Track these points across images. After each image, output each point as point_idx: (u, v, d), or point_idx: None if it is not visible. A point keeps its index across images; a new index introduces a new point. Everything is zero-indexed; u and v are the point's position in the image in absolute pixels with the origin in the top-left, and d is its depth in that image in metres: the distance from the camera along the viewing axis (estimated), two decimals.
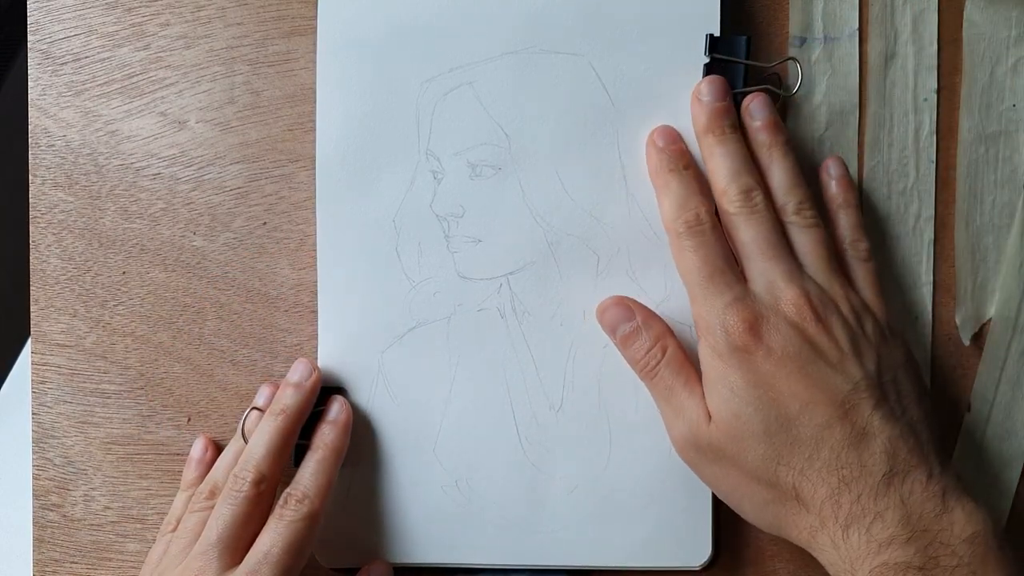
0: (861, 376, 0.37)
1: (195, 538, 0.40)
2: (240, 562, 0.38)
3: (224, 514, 0.39)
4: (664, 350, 0.40)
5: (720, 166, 0.40)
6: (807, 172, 0.44)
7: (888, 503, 0.35)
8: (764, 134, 0.41)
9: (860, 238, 0.41)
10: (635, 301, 0.42)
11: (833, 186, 0.42)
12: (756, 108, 0.41)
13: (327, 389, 0.43)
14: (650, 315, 0.41)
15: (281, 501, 0.40)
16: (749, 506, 0.39)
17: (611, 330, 0.42)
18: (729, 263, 0.39)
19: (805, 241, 0.40)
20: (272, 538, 0.39)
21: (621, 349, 0.41)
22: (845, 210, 0.42)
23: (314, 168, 0.44)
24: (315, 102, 0.44)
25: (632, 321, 0.41)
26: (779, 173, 0.40)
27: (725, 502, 0.40)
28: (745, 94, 0.42)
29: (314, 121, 0.44)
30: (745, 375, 0.37)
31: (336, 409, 0.43)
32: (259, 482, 0.40)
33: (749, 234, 0.39)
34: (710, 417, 0.38)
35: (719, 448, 0.38)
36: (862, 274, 0.41)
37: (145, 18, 0.45)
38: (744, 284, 0.39)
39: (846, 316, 0.38)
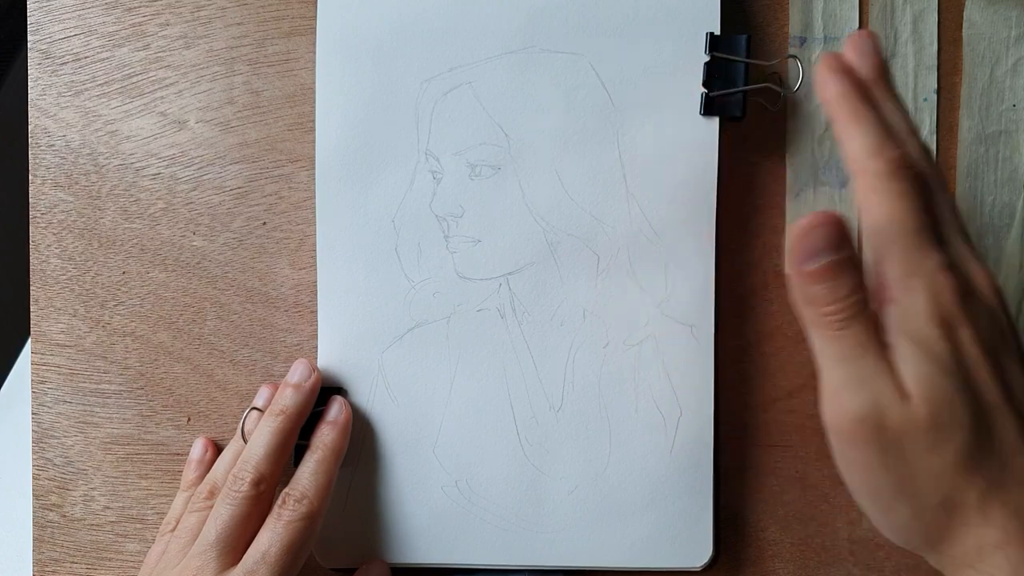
0: None
1: (194, 538, 0.40)
2: (238, 562, 0.38)
3: (222, 514, 0.39)
4: (865, 300, 0.32)
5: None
6: (807, 170, 0.44)
7: None
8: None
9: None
10: (848, 227, 0.32)
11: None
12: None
13: (327, 389, 0.43)
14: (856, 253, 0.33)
15: (279, 501, 0.40)
16: (910, 510, 0.32)
17: (807, 255, 0.32)
18: (933, 221, 0.32)
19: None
20: (270, 538, 0.39)
21: (805, 282, 0.32)
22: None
23: (314, 168, 0.44)
24: (315, 102, 0.44)
25: (843, 251, 0.32)
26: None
27: (869, 503, 0.33)
28: (745, 93, 0.42)
29: (314, 121, 0.44)
30: (953, 352, 0.31)
31: (336, 410, 0.43)
32: (258, 482, 0.40)
33: (944, 205, 0.33)
34: (904, 395, 0.31)
35: (910, 434, 0.31)
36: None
37: (145, 18, 0.45)
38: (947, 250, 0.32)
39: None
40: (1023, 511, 0.31)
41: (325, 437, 0.42)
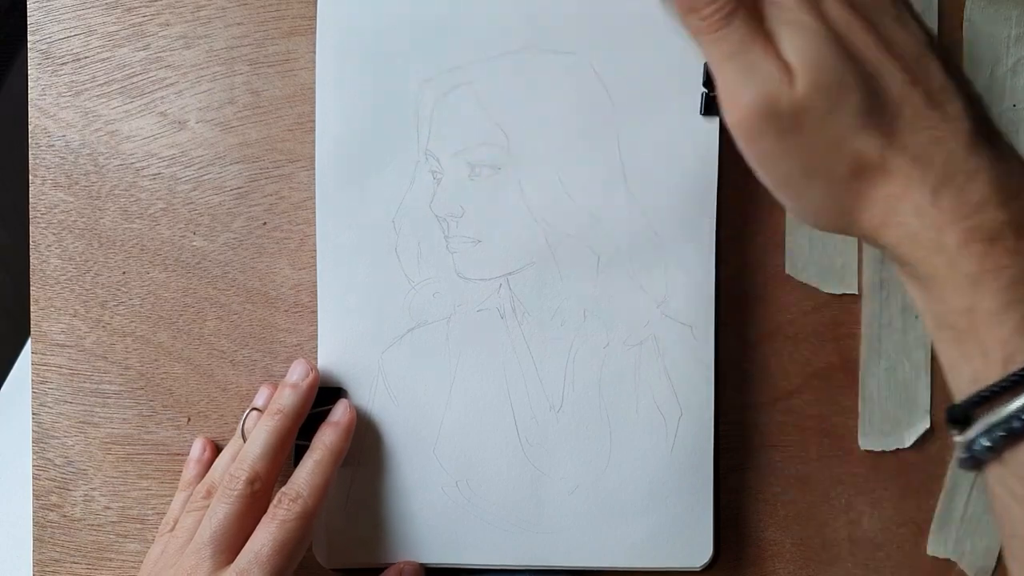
0: (925, 37, 0.33)
1: (191, 537, 0.40)
2: (233, 561, 0.38)
3: (218, 513, 0.39)
4: None
5: None
6: None
7: (979, 163, 0.31)
8: None
9: None
10: None
11: None
12: None
13: (327, 389, 0.43)
14: None
15: (275, 501, 0.40)
16: (820, 186, 0.33)
17: None
18: None
19: None
20: (264, 537, 0.38)
21: None
22: None
23: (314, 168, 0.44)
24: (315, 102, 0.44)
25: None
26: None
27: (783, 192, 0.35)
28: None
29: (314, 121, 0.44)
30: (821, 20, 0.33)
31: (340, 411, 0.43)
32: (253, 481, 0.40)
33: None
34: (791, 74, 0.32)
35: (802, 109, 0.32)
36: None
37: (145, 18, 0.45)
38: None
39: None
40: (919, 155, 0.32)
41: (326, 438, 0.42)
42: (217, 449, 0.45)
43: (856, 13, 0.33)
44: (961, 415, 0.32)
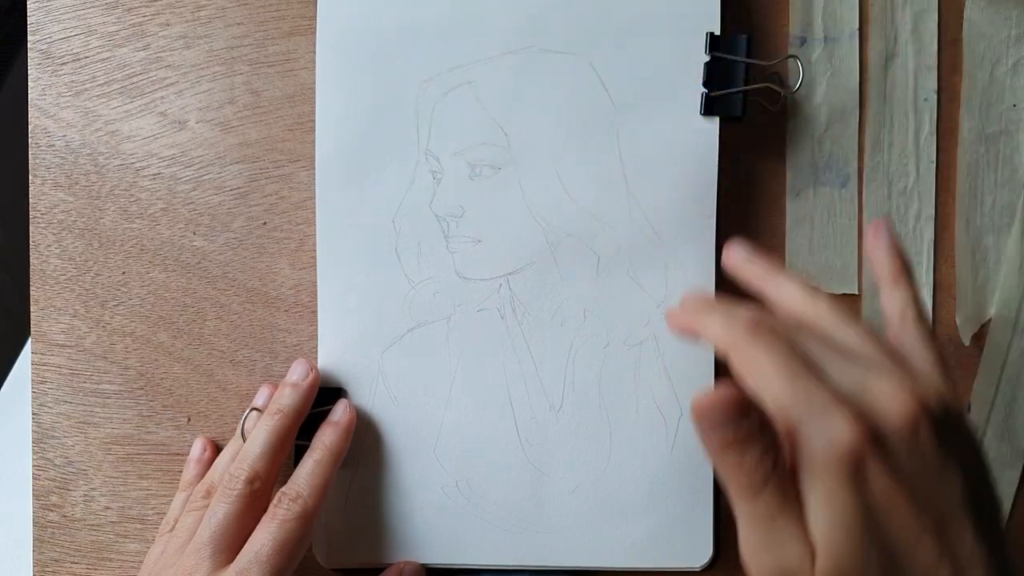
0: (964, 491, 0.30)
1: (191, 537, 0.40)
2: (233, 561, 0.38)
3: (217, 512, 0.39)
4: (775, 462, 0.30)
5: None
6: (807, 170, 0.44)
7: None
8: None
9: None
10: (744, 391, 0.31)
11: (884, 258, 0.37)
12: None
13: (327, 389, 0.43)
14: (764, 413, 0.31)
15: (275, 500, 0.40)
16: None
17: (710, 427, 0.31)
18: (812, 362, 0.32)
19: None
20: (263, 537, 0.38)
21: (716, 455, 0.31)
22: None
23: (314, 168, 0.44)
24: (315, 102, 0.44)
25: (743, 424, 0.30)
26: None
27: None
28: (745, 93, 0.42)
29: (314, 121, 0.44)
30: (858, 494, 0.29)
31: (340, 411, 0.43)
32: (252, 480, 0.40)
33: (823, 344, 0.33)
34: (813, 553, 0.30)
35: None
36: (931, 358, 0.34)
37: (145, 18, 0.45)
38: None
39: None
40: None
41: (326, 438, 0.42)
42: (217, 449, 0.45)
43: (899, 481, 0.30)
44: None
